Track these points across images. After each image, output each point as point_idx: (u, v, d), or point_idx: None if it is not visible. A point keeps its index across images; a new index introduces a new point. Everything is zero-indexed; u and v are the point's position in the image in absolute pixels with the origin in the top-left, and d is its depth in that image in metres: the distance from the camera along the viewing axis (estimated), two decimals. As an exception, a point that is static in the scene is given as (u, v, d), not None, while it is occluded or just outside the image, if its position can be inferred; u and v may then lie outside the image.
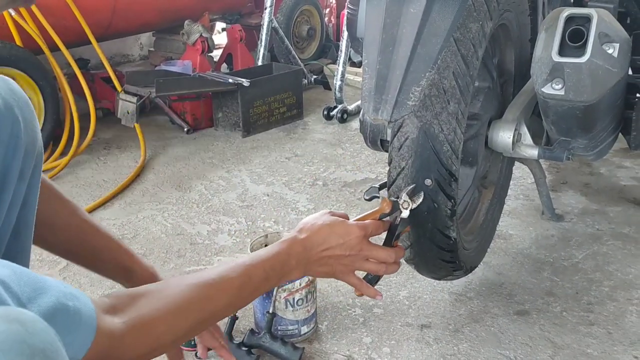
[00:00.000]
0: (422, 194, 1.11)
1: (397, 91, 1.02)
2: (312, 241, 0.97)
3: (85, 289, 1.67)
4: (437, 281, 1.62)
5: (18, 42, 2.59)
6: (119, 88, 2.86)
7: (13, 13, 2.57)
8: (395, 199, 1.08)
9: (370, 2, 1.08)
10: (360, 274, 1.07)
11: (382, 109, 1.03)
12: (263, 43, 3.34)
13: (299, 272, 0.96)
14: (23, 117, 0.82)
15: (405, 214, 1.07)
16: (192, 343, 1.39)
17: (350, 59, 3.39)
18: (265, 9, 3.33)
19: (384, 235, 1.10)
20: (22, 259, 0.91)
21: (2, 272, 0.54)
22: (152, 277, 1.09)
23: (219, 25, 4.75)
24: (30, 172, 0.86)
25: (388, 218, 1.09)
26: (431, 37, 1.02)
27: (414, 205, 1.08)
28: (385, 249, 1.05)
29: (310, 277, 1.42)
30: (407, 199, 1.08)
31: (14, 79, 1.87)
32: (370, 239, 1.04)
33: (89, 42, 2.83)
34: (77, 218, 1.00)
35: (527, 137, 1.47)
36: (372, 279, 1.11)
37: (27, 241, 0.91)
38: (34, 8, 2.63)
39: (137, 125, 2.76)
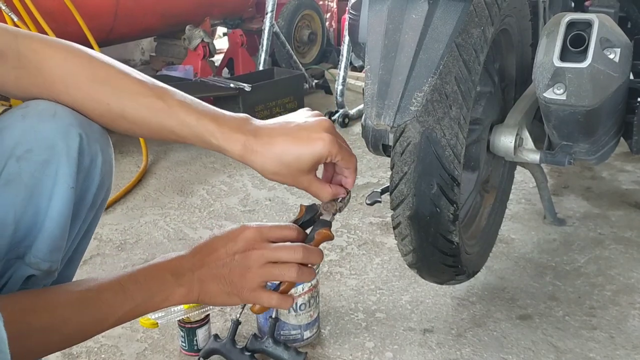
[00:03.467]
0: (349, 197, 0.89)
1: (399, 96, 1.02)
2: (194, 251, 0.81)
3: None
4: (439, 285, 1.62)
5: (20, 47, 2.60)
6: (120, 93, 2.87)
7: (15, 18, 2.58)
8: (314, 204, 0.88)
9: (372, 8, 1.09)
10: None
11: (384, 114, 1.03)
12: (264, 48, 3.35)
13: (181, 291, 0.78)
14: (105, 153, 0.81)
15: (326, 216, 0.86)
16: (195, 348, 1.40)
17: (351, 63, 3.39)
18: (267, 13, 3.34)
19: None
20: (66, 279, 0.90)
21: None
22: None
23: (220, 30, 4.77)
24: (100, 202, 0.85)
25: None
26: (433, 42, 1.03)
27: (337, 208, 0.87)
28: (289, 246, 0.80)
29: (313, 282, 1.43)
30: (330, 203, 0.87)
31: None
32: None
33: (91, 48, 2.84)
34: (142, 99, 0.82)
35: (528, 142, 1.48)
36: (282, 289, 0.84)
37: (75, 267, 0.89)
38: (36, 13, 2.64)
39: (139, 130, 2.76)
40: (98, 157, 0.81)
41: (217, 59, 3.87)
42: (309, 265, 0.81)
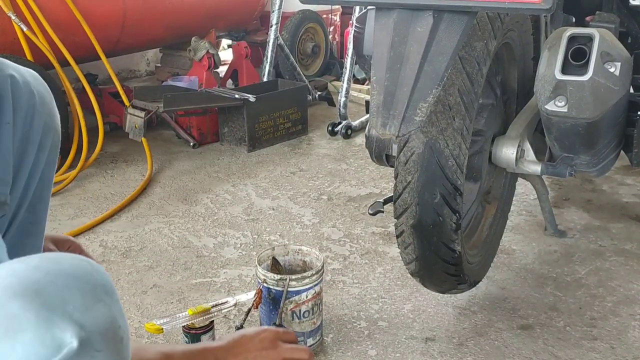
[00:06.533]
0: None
1: (404, 107, 1.04)
2: (228, 343, 0.98)
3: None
4: (441, 295, 1.63)
5: (29, 56, 2.64)
6: (127, 103, 2.90)
7: (25, 28, 2.62)
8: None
9: (378, 21, 1.11)
10: None
11: (389, 124, 1.06)
12: (268, 59, 3.39)
13: None
14: (39, 92, 0.89)
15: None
16: None
17: (354, 76, 3.43)
18: (271, 26, 3.38)
19: None
20: (35, 233, 0.95)
21: None
22: None
23: (225, 41, 4.81)
24: (49, 146, 0.92)
25: None
26: (437, 55, 1.05)
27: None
28: (300, 348, 1.06)
29: (317, 289, 1.44)
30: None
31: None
32: None
33: (98, 58, 2.88)
34: None
35: (530, 153, 1.50)
36: None
37: (42, 216, 0.96)
38: (44, 23, 2.68)
39: (144, 140, 2.79)
40: (34, 96, 0.88)
41: (222, 70, 3.91)
42: None
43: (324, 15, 4.35)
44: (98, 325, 0.53)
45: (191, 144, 2.93)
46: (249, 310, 1.47)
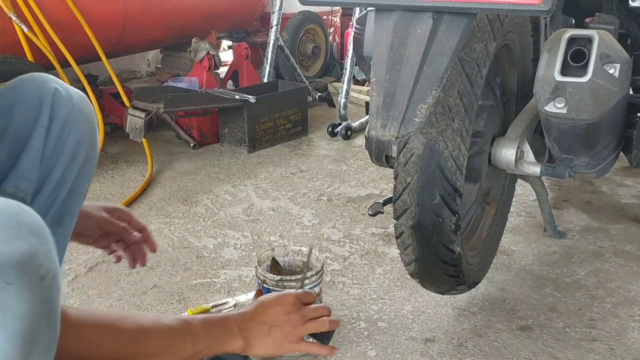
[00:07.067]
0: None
1: (404, 108, 1.05)
2: (250, 311, 0.99)
3: (94, 300, 1.69)
4: (440, 296, 1.64)
5: (30, 57, 2.64)
6: (127, 103, 2.90)
7: (25, 29, 2.62)
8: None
9: (378, 22, 1.11)
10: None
11: (389, 125, 1.06)
12: (269, 60, 3.39)
13: (240, 342, 0.95)
14: (80, 108, 0.94)
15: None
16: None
17: (354, 77, 3.44)
18: (271, 27, 3.38)
19: None
20: (58, 247, 0.95)
21: None
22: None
23: (226, 42, 4.82)
24: (83, 159, 0.95)
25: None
26: (437, 56, 1.05)
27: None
28: (320, 307, 1.08)
29: (317, 290, 1.44)
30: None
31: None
32: None
33: (99, 59, 2.88)
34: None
35: (529, 155, 1.50)
36: (323, 338, 1.11)
37: (67, 231, 0.98)
38: (45, 24, 2.69)
39: (144, 140, 2.79)
40: (74, 110, 0.93)
41: (222, 71, 3.91)
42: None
43: (324, 17, 4.36)
44: (12, 259, 0.53)
45: (191, 144, 2.93)
46: (249, 310, 1.48)
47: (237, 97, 2.87)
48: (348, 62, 3.20)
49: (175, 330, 0.87)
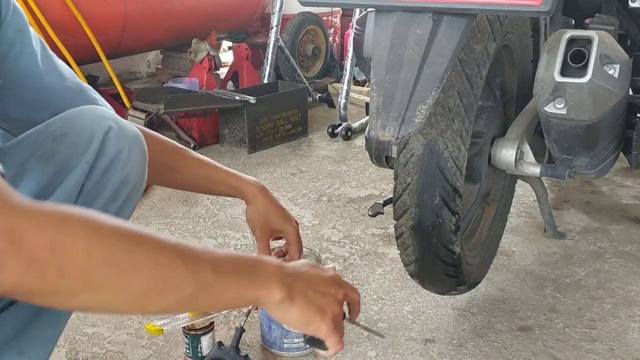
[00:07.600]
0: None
1: (404, 109, 1.05)
2: (289, 264, 0.78)
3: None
4: (440, 296, 1.64)
5: (30, 58, 2.64)
6: (127, 104, 2.90)
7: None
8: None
9: (378, 23, 1.12)
10: None
11: (389, 126, 1.06)
12: (269, 61, 3.40)
13: (282, 292, 0.72)
14: (132, 148, 0.95)
15: None
16: (199, 355, 1.41)
17: (354, 77, 3.44)
18: (272, 28, 3.39)
19: None
20: None
21: None
22: (259, 189, 1.26)
23: (226, 43, 4.83)
24: (125, 197, 0.96)
25: None
26: (437, 57, 1.06)
27: None
28: (355, 289, 0.87)
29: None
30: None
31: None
32: None
33: (99, 60, 2.89)
34: (191, 159, 1.20)
35: (529, 155, 1.50)
36: (320, 342, 0.84)
37: None
38: (45, 25, 2.69)
39: (144, 141, 2.79)
40: (125, 150, 0.93)
41: (223, 72, 3.92)
42: None
43: (324, 18, 4.36)
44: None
45: (192, 145, 2.93)
46: (249, 311, 1.48)
47: (237, 97, 2.87)
48: (348, 63, 3.20)
49: (181, 247, 0.67)
